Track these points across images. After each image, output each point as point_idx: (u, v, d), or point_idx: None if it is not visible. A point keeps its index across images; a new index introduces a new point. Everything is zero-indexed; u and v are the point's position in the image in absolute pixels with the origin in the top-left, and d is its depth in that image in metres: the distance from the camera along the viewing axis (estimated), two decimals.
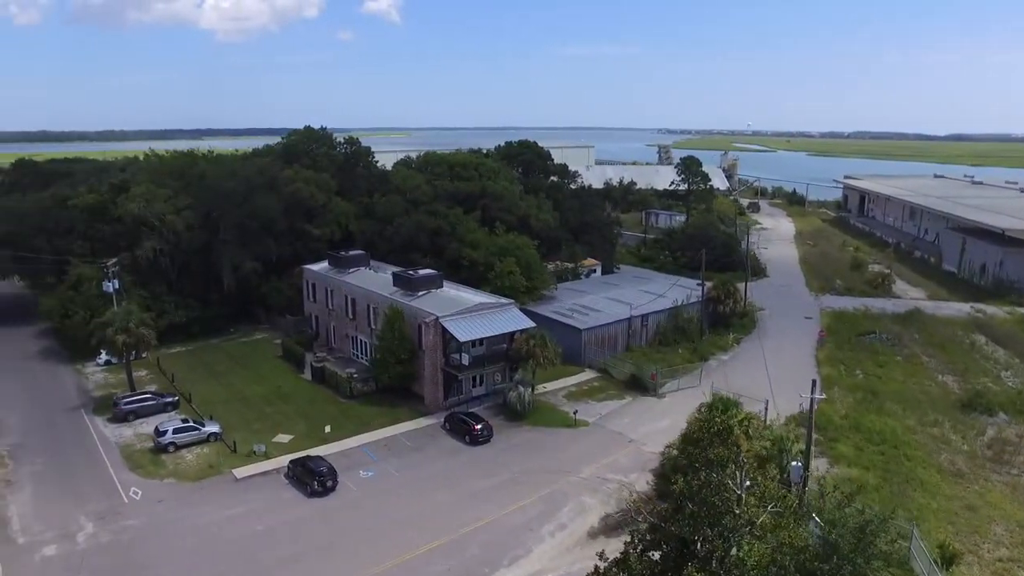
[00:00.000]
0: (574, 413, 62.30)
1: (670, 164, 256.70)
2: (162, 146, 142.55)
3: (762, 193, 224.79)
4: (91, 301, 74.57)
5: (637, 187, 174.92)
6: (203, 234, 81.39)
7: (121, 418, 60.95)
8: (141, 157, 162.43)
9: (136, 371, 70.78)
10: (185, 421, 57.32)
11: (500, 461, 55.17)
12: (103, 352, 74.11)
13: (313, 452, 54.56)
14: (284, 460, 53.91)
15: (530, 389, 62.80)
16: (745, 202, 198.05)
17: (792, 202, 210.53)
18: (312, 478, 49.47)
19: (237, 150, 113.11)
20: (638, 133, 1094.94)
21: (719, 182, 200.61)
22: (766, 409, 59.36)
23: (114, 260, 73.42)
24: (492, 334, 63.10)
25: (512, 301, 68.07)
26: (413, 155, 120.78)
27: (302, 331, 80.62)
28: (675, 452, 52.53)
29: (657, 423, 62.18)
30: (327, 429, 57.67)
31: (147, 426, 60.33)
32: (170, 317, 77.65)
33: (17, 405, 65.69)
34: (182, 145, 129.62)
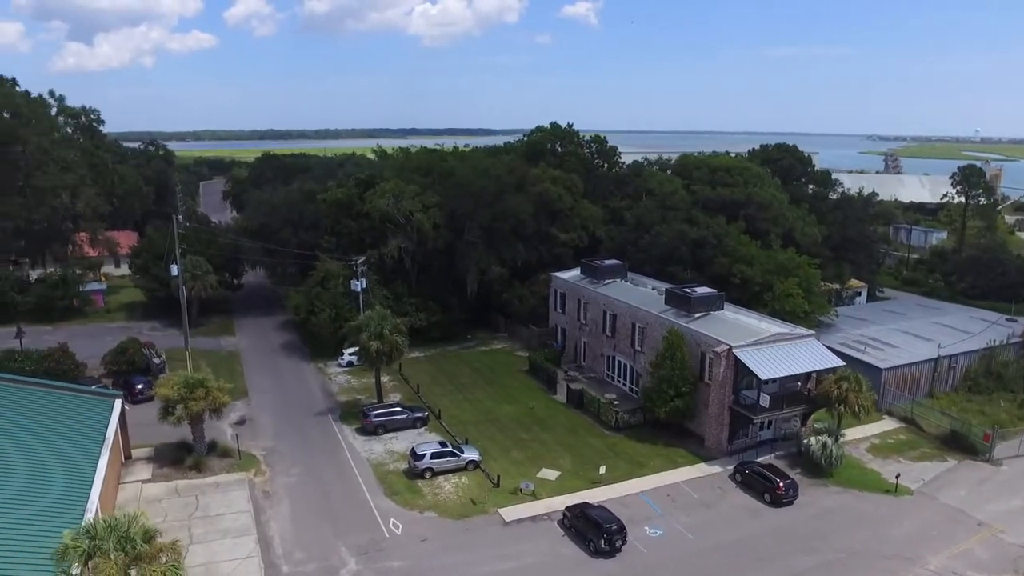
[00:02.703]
0: (896, 477, 50.50)
1: (898, 173, 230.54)
2: (371, 144, 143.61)
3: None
4: (337, 299, 71.82)
5: (879, 199, 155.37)
6: (448, 234, 76.65)
7: (371, 431, 56.47)
8: (356, 153, 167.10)
9: None
10: (443, 445, 51.47)
11: (815, 532, 44.72)
12: (345, 353, 71.22)
13: (586, 496, 47.03)
14: (555, 502, 46.70)
15: (835, 440, 51.70)
16: (1011, 219, 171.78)
17: None
18: (598, 533, 41.55)
19: (477, 147, 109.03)
20: (845, 139, 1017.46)
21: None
22: None
23: (363, 258, 70.08)
24: (799, 372, 52.59)
25: (812, 332, 57.10)
26: (652, 156, 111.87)
27: (547, 344, 73.83)
28: None
29: (1007, 501, 49.17)
30: (602, 470, 49.72)
31: (397, 442, 55.51)
32: (411, 320, 73.26)
33: (267, 402, 63.47)
34: (388, 144, 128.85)
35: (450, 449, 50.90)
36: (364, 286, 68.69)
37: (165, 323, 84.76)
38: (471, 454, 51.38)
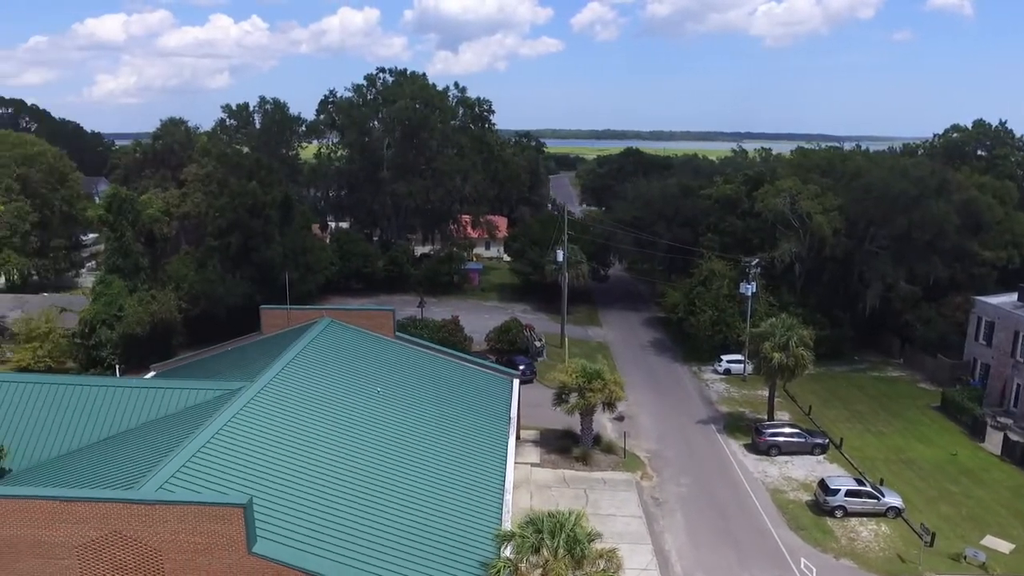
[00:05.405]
0: None
1: None
2: (701, 147, 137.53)
3: None
4: (720, 301, 67.68)
5: None
6: (846, 241, 68.44)
7: (763, 450, 51.39)
8: (698, 155, 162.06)
9: (759, 389, 61.84)
10: (860, 483, 44.75)
11: None
12: (723, 359, 67.01)
13: None
14: None
15: None
16: None
17: None
18: None
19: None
20: None
21: None
22: None
23: (756, 260, 64.97)
24: None
25: None
26: None
27: (960, 379, 62.74)
28: None
29: None
30: None
31: (794, 468, 49.85)
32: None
33: (643, 401, 61.33)
34: (721, 147, 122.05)
35: (868, 489, 44.03)
36: (754, 290, 63.59)
37: (535, 307, 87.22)
38: (892, 499, 44.01)
